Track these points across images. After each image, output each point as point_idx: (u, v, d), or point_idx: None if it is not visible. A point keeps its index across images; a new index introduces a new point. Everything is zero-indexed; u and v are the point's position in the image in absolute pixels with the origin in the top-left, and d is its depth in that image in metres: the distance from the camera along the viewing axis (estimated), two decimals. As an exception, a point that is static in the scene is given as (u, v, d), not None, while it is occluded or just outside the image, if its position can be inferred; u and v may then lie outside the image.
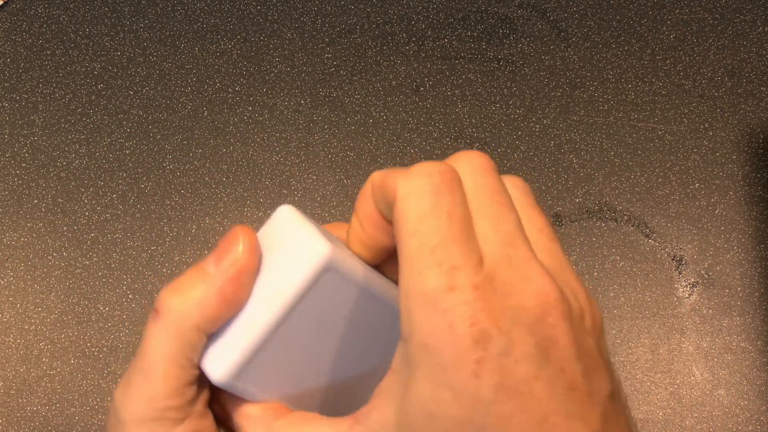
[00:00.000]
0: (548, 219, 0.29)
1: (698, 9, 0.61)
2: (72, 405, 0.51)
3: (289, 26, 0.61)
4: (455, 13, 0.61)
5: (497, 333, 0.23)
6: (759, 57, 0.59)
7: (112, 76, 0.60)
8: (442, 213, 0.24)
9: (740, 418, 0.50)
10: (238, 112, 0.59)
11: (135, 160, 0.57)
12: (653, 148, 0.57)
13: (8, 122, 0.58)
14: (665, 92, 0.58)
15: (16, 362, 0.52)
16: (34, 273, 0.54)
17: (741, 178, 0.56)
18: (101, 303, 0.53)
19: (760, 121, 0.57)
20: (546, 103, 0.58)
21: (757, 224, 0.54)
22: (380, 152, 0.57)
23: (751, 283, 0.53)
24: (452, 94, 0.59)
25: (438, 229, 0.24)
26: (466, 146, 0.57)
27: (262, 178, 0.57)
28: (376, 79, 0.59)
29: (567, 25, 0.61)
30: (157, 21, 0.62)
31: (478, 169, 0.26)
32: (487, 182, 0.26)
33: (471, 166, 0.26)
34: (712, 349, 0.51)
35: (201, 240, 0.55)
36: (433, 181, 0.25)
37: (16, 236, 0.55)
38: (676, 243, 0.54)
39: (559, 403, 0.23)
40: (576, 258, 0.54)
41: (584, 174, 0.56)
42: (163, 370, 0.29)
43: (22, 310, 0.53)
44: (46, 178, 0.57)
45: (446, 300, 0.23)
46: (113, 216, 0.56)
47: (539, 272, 0.24)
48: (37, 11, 0.62)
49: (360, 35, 0.61)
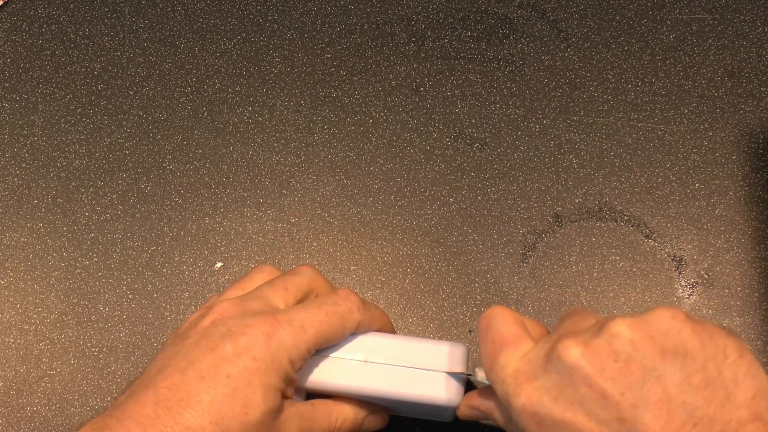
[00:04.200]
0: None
1: (698, 9, 0.61)
2: (72, 405, 0.51)
3: (289, 26, 0.61)
4: (455, 13, 0.61)
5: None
6: (759, 57, 0.59)
7: (112, 76, 0.60)
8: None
9: (740, 418, 0.50)
10: (238, 112, 0.59)
11: (135, 160, 0.57)
12: (653, 148, 0.57)
13: (8, 122, 0.58)
14: (665, 92, 0.58)
15: (16, 362, 0.52)
16: (34, 273, 0.54)
17: (741, 178, 0.56)
18: (101, 303, 0.53)
19: (760, 121, 0.57)
20: (546, 103, 0.58)
21: (757, 224, 0.54)
22: (380, 152, 0.57)
23: (751, 283, 0.53)
24: (452, 94, 0.59)
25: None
26: (466, 146, 0.57)
27: (262, 178, 0.57)
28: (376, 79, 0.59)
29: (567, 25, 0.61)
30: (157, 21, 0.62)
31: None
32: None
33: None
34: (712, 349, 0.51)
35: (201, 240, 0.55)
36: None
37: (16, 236, 0.55)
38: (676, 243, 0.54)
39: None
40: (576, 258, 0.54)
41: (584, 174, 0.56)
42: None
43: (22, 310, 0.53)
44: (46, 178, 0.57)
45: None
46: (113, 216, 0.56)
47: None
48: (37, 11, 0.62)
49: (360, 35, 0.61)
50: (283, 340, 0.40)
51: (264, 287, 0.44)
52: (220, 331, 0.41)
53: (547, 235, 0.54)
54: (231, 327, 0.41)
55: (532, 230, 0.55)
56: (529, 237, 0.54)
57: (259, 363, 0.40)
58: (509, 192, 0.56)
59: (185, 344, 0.41)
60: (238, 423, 0.39)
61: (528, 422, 0.37)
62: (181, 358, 0.40)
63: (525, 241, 0.54)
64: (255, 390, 0.39)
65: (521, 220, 0.55)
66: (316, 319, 0.42)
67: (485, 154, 0.57)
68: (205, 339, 0.40)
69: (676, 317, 0.36)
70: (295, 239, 0.55)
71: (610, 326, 0.36)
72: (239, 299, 0.43)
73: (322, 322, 0.42)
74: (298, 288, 0.44)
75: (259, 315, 0.41)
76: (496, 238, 0.54)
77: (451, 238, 0.54)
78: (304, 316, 0.42)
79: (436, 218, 0.55)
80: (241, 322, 0.41)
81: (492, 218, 0.55)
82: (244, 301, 0.43)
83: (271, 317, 0.41)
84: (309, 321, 0.42)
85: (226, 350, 0.40)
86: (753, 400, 0.34)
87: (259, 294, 0.43)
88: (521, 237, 0.54)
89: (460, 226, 0.55)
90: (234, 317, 0.41)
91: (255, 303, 0.43)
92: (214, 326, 0.41)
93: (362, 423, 0.46)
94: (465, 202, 0.55)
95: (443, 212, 0.55)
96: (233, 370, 0.39)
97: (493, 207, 0.55)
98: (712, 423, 0.33)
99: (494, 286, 0.53)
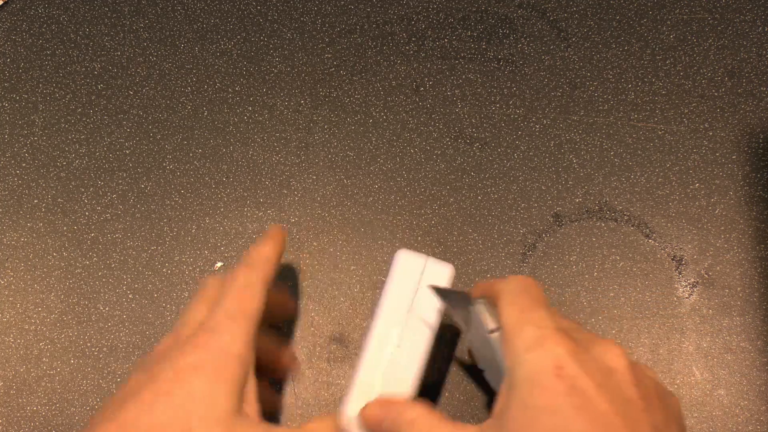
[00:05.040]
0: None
1: (698, 9, 0.61)
2: (72, 405, 0.51)
3: (289, 26, 0.61)
4: (455, 13, 0.61)
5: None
6: (759, 57, 0.59)
7: (112, 76, 0.60)
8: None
9: (740, 418, 0.50)
10: (238, 112, 0.59)
11: (135, 160, 0.57)
12: (653, 148, 0.57)
13: (8, 122, 0.58)
14: (665, 92, 0.58)
15: (16, 362, 0.52)
16: (34, 273, 0.54)
17: (741, 178, 0.56)
18: (101, 303, 0.53)
19: (760, 121, 0.57)
20: (546, 103, 0.58)
21: (757, 224, 0.54)
22: (380, 152, 0.57)
23: (751, 283, 0.53)
24: (452, 94, 0.59)
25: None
26: (466, 146, 0.57)
27: (262, 178, 0.57)
28: (376, 79, 0.59)
29: (567, 25, 0.61)
30: (157, 21, 0.62)
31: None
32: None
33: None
34: (712, 349, 0.51)
35: (201, 240, 0.55)
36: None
37: (16, 236, 0.55)
38: (676, 243, 0.54)
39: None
40: (576, 258, 0.54)
41: (584, 174, 0.56)
42: None
43: (22, 310, 0.53)
44: (46, 178, 0.57)
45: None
46: (113, 216, 0.56)
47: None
48: (37, 11, 0.62)
49: (360, 35, 0.61)
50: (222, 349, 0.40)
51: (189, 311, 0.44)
52: (162, 368, 0.40)
53: (547, 235, 0.54)
54: (171, 360, 0.40)
55: (532, 230, 0.55)
56: (529, 237, 0.54)
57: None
58: (509, 192, 0.56)
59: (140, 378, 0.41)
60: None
61: (542, 372, 0.37)
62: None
63: (525, 241, 0.54)
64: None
65: (521, 220, 0.55)
66: (230, 306, 0.42)
67: (485, 154, 0.57)
68: (152, 381, 0.40)
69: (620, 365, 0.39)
70: (295, 239, 0.55)
71: (643, 368, 0.39)
72: (174, 332, 0.43)
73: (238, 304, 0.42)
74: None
75: (191, 340, 0.41)
76: (496, 238, 0.54)
77: (451, 238, 0.54)
78: (223, 311, 0.41)
79: (436, 218, 0.55)
80: (180, 351, 0.40)
81: (492, 218, 0.55)
82: (179, 332, 0.43)
83: (203, 337, 0.41)
84: (230, 314, 0.41)
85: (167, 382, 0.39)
86: None
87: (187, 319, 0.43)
88: (521, 237, 0.54)
89: (460, 226, 0.55)
90: (171, 349, 0.41)
91: (188, 329, 0.42)
92: (158, 363, 0.41)
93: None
94: (465, 202, 0.55)
95: (443, 212, 0.55)
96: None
97: (493, 207, 0.55)
98: None
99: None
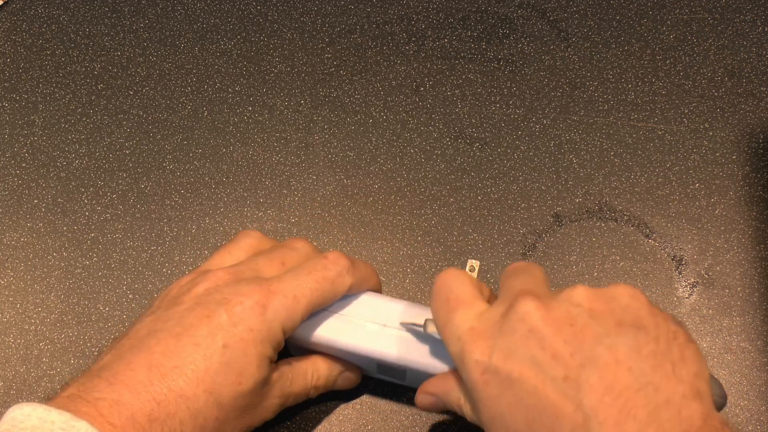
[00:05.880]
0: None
1: (698, 9, 0.61)
2: (72, 405, 0.51)
3: (289, 26, 0.61)
4: (455, 13, 0.61)
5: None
6: (759, 57, 0.59)
7: (112, 76, 0.60)
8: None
9: (740, 418, 0.50)
10: (238, 112, 0.59)
11: (135, 160, 0.57)
12: (653, 148, 0.57)
13: (8, 122, 0.58)
14: (665, 92, 0.58)
15: (16, 362, 0.51)
16: (34, 273, 0.54)
17: (741, 178, 0.56)
18: (101, 303, 0.53)
19: (760, 121, 0.57)
20: (546, 103, 0.58)
21: (757, 224, 0.54)
22: (380, 152, 0.57)
23: (751, 283, 0.53)
24: (452, 94, 0.59)
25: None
26: (466, 146, 0.57)
27: (262, 178, 0.56)
28: (376, 79, 0.59)
29: (567, 25, 0.61)
30: (157, 21, 0.62)
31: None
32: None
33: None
34: (712, 349, 0.51)
35: (201, 240, 0.55)
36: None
37: (16, 236, 0.55)
38: (676, 243, 0.54)
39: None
40: (576, 258, 0.54)
41: (584, 174, 0.56)
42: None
43: (22, 310, 0.53)
44: (46, 178, 0.57)
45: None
46: (113, 216, 0.56)
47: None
48: (37, 11, 0.62)
49: (360, 35, 0.61)
50: (277, 312, 0.41)
51: (260, 259, 0.44)
52: (215, 299, 0.40)
53: (547, 235, 0.54)
54: (226, 295, 0.41)
55: (532, 230, 0.55)
56: (529, 237, 0.54)
57: (255, 334, 0.40)
58: (509, 192, 0.56)
59: (178, 309, 0.41)
60: (231, 392, 0.39)
61: (477, 380, 0.37)
62: (174, 323, 0.40)
63: (525, 241, 0.54)
64: (251, 360, 0.39)
65: (521, 220, 0.55)
66: (308, 287, 0.42)
67: (485, 154, 0.57)
68: (200, 306, 0.40)
69: (636, 297, 0.37)
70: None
71: (572, 294, 0.37)
72: (234, 268, 0.43)
73: (313, 290, 0.42)
74: (294, 264, 0.44)
75: (253, 285, 0.41)
76: (496, 238, 0.54)
77: (451, 238, 0.54)
78: (296, 285, 0.42)
79: (436, 218, 0.55)
80: (236, 291, 0.41)
81: (492, 218, 0.55)
82: (238, 270, 0.43)
83: (266, 288, 0.41)
84: (301, 290, 0.42)
85: (222, 319, 0.40)
86: (695, 377, 0.35)
87: (254, 265, 0.43)
88: (521, 237, 0.54)
89: (460, 226, 0.55)
90: (228, 285, 0.41)
91: (249, 273, 0.43)
92: (209, 294, 0.41)
93: (335, 380, 0.46)
94: (465, 202, 0.55)
95: (443, 212, 0.55)
96: (230, 340, 0.39)
97: (493, 207, 0.55)
98: (657, 391, 0.34)
99: (494, 286, 0.53)
